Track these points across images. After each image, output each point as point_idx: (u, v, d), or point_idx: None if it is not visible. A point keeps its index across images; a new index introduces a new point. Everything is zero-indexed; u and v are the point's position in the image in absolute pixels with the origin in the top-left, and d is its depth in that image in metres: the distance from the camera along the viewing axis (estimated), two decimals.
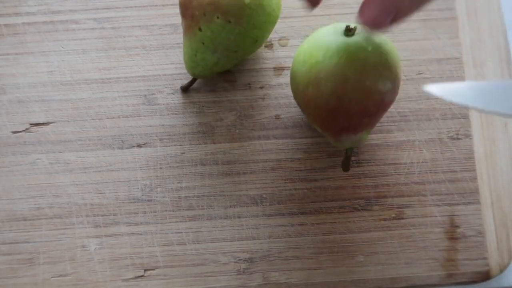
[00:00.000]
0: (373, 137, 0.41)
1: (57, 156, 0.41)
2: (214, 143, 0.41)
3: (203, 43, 0.38)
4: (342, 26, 0.37)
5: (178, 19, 0.43)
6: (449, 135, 0.42)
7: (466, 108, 0.38)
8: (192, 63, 0.40)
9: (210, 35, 0.38)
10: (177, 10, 0.43)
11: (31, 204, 0.40)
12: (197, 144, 0.42)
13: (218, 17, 0.37)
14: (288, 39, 0.43)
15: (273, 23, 0.39)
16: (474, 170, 0.41)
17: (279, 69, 0.43)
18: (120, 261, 0.40)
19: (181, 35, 0.43)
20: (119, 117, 0.42)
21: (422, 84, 0.42)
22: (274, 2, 0.38)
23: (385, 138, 0.42)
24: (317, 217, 0.40)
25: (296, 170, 0.41)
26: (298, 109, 0.42)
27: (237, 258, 0.40)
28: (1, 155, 0.41)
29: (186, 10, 0.38)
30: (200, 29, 0.38)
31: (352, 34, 0.36)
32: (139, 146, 0.41)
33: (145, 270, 0.40)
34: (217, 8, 0.37)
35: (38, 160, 0.41)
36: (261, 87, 0.42)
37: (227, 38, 0.38)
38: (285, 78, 0.43)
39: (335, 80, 0.35)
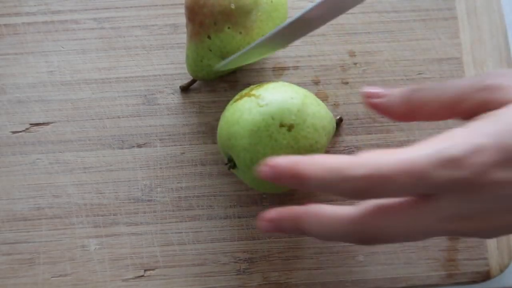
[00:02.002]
0: (373, 137, 0.41)
1: (57, 156, 0.41)
2: (214, 143, 0.41)
3: (210, 50, 0.38)
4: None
5: (178, 19, 0.43)
6: None
7: None
8: (196, 67, 0.39)
9: (219, 44, 0.38)
10: (177, 10, 0.43)
11: (31, 204, 0.40)
12: (197, 144, 0.42)
13: (229, 27, 0.37)
14: None
15: None
16: None
17: (278, 69, 0.43)
18: (120, 261, 0.40)
19: (181, 35, 0.43)
20: (119, 117, 0.42)
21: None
22: (282, 13, 0.38)
23: (385, 138, 0.41)
24: None
25: None
26: None
27: (237, 258, 0.40)
28: (1, 155, 0.41)
29: (194, 16, 0.38)
30: (209, 37, 0.37)
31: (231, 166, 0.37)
32: (139, 146, 0.41)
33: (145, 270, 0.40)
34: (229, 19, 0.37)
35: (38, 160, 0.41)
36: None
37: (236, 47, 0.38)
38: (285, 78, 0.43)
39: None
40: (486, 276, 0.40)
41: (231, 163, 0.37)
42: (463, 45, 0.43)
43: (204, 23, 0.37)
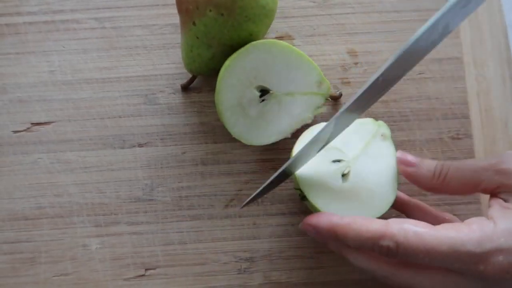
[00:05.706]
0: None
1: (58, 156, 0.41)
2: (215, 142, 0.42)
3: (197, 38, 0.38)
4: None
5: (178, 19, 0.43)
6: (450, 135, 0.42)
7: None
8: (188, 59, 0.40)
9: (203, 29, 0.38)
10: None
11: (32, 203, 0.41)
12: (198, 144, 0.42)
13: (210, 10, 0.37)
14: (292, 39, 0.43)
15: (268, 16, 0.38)
16: None
17: None
18: (121, 260, 0.40)
19: None
20: (120, 117, 0.42)
21: (423, 84, 0.42)
22: None
23: None
24: None
25: None
26: None
27: (238, 258, 0.40)
28: (3, 155, 0.41)
29: (181, 5, 0.38)
30: (194, 23, 0.38)
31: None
32: (140, 145, 0.41)
33: (146, 269, 0.40)
34: (210, 1, 0.37)
35: (39, 160, 0.41)
36: None
37: (221, 31, 0.38)
38: None
39: None
40: None
41: (303, 197, 0.36)
42: (464, 45, 0.43)
43: (188, 10, 0.38)
